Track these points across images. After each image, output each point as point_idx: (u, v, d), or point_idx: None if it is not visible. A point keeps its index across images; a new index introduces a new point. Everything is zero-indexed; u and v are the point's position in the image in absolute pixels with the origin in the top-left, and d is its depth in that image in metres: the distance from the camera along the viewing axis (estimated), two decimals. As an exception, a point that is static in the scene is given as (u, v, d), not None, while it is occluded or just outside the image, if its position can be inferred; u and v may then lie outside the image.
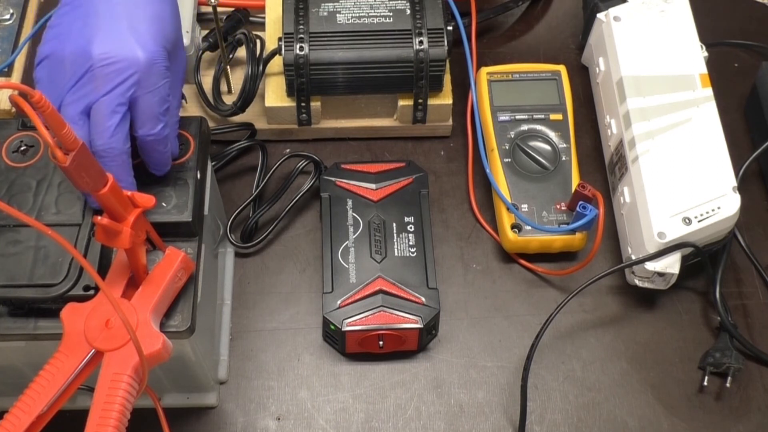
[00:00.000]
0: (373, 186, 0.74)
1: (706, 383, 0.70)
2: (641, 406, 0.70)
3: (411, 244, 0.71)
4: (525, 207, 0.74)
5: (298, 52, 0.74)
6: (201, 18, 0.84)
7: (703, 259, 0.71)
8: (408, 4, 0.77)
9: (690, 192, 0.69)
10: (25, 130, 0.60)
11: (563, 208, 0.74)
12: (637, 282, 0.71)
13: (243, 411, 0.69)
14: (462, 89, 0.82)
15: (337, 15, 0.76)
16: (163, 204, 0.58)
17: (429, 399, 0.70)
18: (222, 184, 0.77)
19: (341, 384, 0.70)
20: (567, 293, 0.70)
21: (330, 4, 0.76)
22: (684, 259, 0.69)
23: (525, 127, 0.77)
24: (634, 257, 0.70)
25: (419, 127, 0.81)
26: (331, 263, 0.70)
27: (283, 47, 0.74)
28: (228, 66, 0.80)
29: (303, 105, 0.78)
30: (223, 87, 0.81)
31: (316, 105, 0.78)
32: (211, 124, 0.78)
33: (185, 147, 0.60)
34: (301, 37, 0.75)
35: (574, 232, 0.72)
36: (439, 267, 0.74)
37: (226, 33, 0.80)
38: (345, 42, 0.75)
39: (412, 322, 0.67)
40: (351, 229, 0.72)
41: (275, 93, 0.79)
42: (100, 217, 0.49)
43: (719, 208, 0.69)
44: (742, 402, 0.70)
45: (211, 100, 0.79)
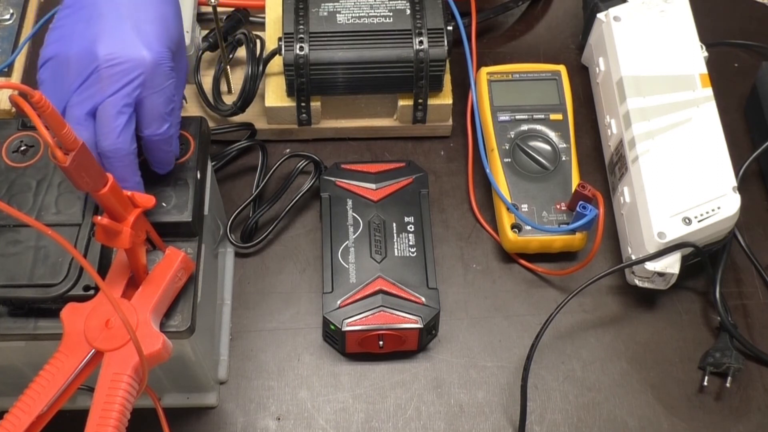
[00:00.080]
0: (373, 186, 0.74)
1: (706, 383, 0.70)
2: (641, 406, 0.70)
3: (411, 244, 0.71)
4: (525, 207, 0.74)
5: (298, 52, 0.74)
6: (201, 18, 0.84)
7: (703, 259, 0.71)
8: (408, 4, 0.77)
9: (690, 192, 0.69)
10: (25, 130, 0.60)
11: (563, 208, 0.74)
12: (637, 282, 0.71)
13: (243, 411, 0.69)
14: (462, 89, 0.82)
15: (337, 15, 0.76)
16: (163, 204, 0.58)
17: (429, 399, 0.70)
18: (222, 184, 0.77)
19: (341, 384, 0.70)
20: (567, 293, 0.70)
21: (330, 4, 0.76)
22: (684, 259, 0.69)
23: (525, 127, 0.77)
24: (634, 257, 0.70)
25: (419, 127, 0.81)
26: (331, 263, 0.70)
27: (283, 47, 0.74)
28: (228, 66, 0.80)
29: (303, 105, 0.78)
30: (223, 87, 0.81)
31: (316, 105, 0.78)
32: (211, 124, 0.78)
33: (185, 147, 0.60)
34: (301, 37, 0.75)
35: (574, 232, 0.72)
36: (439, 267, 0.74)
37: (226, 33, 0.80)
38: (345, 42, 0.75)
39: (412, 322, 0.67)
40: (351, 229, 0.72)
41: (275, 93, 0.78)
42: (100, 217, 0.49)
43: (719, 208, 0.69)
44: (742, 402, 0.70)
45: (211, 100, 0.79)
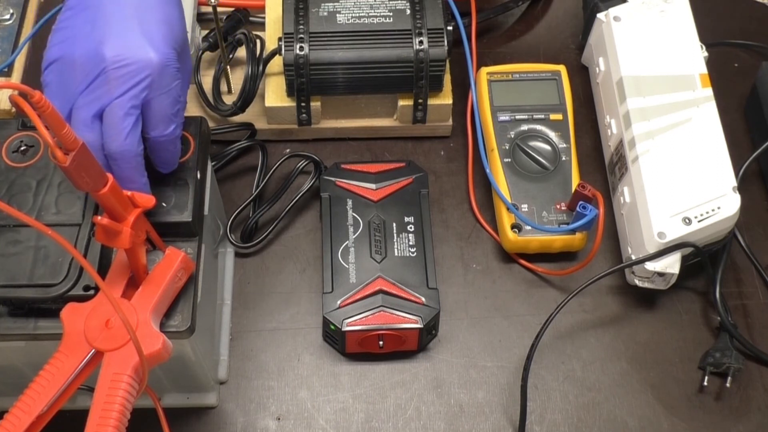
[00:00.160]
0: (373, 186, 0.74)
1: (706, 383, 0.70)
2: (641, 406, 0.70)
3: (411, 244, 0.71)
4: (525, 207, 0.74)
5: (298, 52, 0.74)
6: (201, 18, 0.84)
7: (703, 259, 0.71)
8: (408, 4, 0.77)
9: (690, 192, 0.69)
10: (25, 130, 0.60)
11: (563, 208, 0.74)
12: (637, 282, 0.71)
13: (243, 411, 0.69)
14: (462, 89, 0.82)
15: (337, 15, 0.76)
16: (163, 204, 0.57)
17: (429, 399, 0.70)
18: (222, 184, 0.77)
19: (341, 384, 0.70)
20: (567, 293, 0.70)
21: (330, 4, 0.76)
22: (684, 259, 0.69)
23: (525, 127, 0.77)
24: (634, 257, 0.70)
25: (419, 127, 0.81)
26: (331, 263, 0.70)
27: (283, 47, 0.74)
28: (228, 66, 0.80)
29: (303, 105, 0.78)
30: (223, 87, 0.81)
31: (316, 105, 0.78)
32: (211, 124, 0.78)
33: (185, 147, 0.60)
34: (301, 37, 0.75)
35: (574, 232, 0.72)
36: (439, 267, 0.74)
37: (226, 33, 0.80)
38: (345, 42, 0.75)
39: (412, 322, 0.67)
40: (351, 229, 0.72)
41: (275, 93, 0.78)
42: (100, 217, 0.49)
43: (719, 208, 0.69)
44: (742, 402, 0.70)
45: (211, 100, 0.79)
